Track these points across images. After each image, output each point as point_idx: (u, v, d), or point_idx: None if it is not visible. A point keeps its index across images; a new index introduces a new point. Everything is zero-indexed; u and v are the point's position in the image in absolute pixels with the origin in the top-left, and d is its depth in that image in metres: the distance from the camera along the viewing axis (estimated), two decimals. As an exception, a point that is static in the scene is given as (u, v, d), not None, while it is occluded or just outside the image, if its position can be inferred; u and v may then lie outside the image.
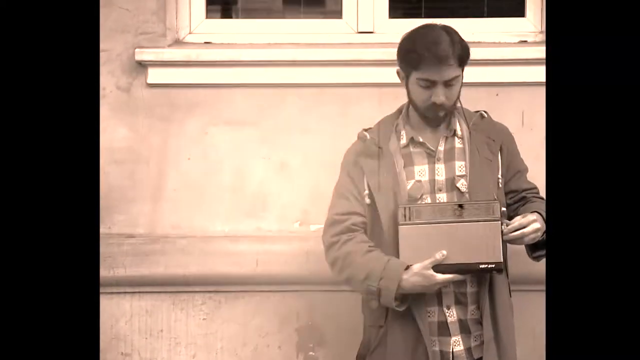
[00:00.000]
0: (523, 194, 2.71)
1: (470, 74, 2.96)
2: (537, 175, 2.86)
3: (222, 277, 3.13)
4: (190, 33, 3.26)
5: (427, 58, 2.51)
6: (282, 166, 3.18)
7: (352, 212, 2.64)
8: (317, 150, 3.15)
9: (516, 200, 2.71)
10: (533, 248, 2.64)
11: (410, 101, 2.64)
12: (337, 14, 3.30)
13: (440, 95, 2.55)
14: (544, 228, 2.55)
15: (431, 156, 2.62)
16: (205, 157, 3.18)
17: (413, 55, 2.54)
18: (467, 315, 2.59)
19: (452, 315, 2.58)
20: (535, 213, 2.56)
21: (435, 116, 2.60)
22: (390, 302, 2.52)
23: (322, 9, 3.58)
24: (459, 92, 2.61)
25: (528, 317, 3.06)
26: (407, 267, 2.50)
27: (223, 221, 3.18)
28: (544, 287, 2.96)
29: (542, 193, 2.75)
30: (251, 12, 3.63)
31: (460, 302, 2.58)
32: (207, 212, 3.18)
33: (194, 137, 3.17)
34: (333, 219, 2.67)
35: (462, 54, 2.56)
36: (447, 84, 2.55)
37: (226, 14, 3.54)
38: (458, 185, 2.59)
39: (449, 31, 2.58)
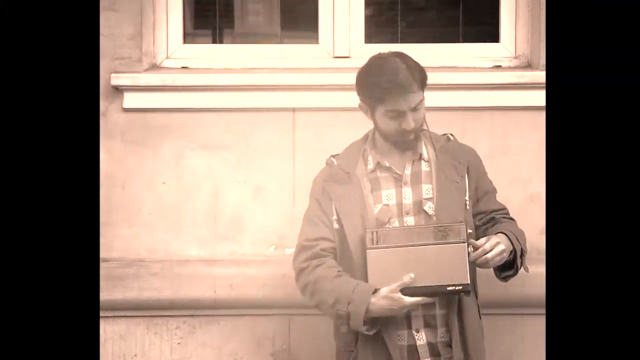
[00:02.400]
0: (492, 214, 2.71)
1: (445, 98, 2.99)
2: (511, 198, 2.88)
3: (197, 301, 3.12)
4: (167, 58, 3.28)
5: (391, 90, 2.53)
6: (257, 190, 3.18)
7: (321, 237, 2.64)
8: (293, 174, 3.16)
9: (485, 222, 2.70)
10: (501, 269, 2.64)
11: (379, 130, 2.65)
12: (314, 39, 3.32)
13: (410, 122, 2.56)
14: (510, 248, 2.55)
15: (398, 180, 2.63)
16: (180, 181, 3.18)
17: (376, 89, 2.55)
18: (436, 338, 2.58)
19: (421, 338, 2.57)
20: (500, 234, 2.56)
21: (405, 140, 2.62)
22: (359, 326, 2.51)
23: (301, 33, 3.60)
24: (424, 113, 2.62)
25: (503, 341, 3.06)
26: (376, 291, 2.50)
27: (198, 245, 3.18)
28: (519, 311, 3.02)
29: (519, 215, 2.79)
30: (240, 37, 3.66)
31: (429, 325, 2.58)
32: (182, 236, 3.18)
33: (169, 161, 3.18)
34: (302, 245, 2.67)
35: (421, 78, 2.57)
36: (414, 109, 2.56)
37: (211, 39, 3.56)
38: (425, 208, 2.59)
39: (403, 58, 2.59)
